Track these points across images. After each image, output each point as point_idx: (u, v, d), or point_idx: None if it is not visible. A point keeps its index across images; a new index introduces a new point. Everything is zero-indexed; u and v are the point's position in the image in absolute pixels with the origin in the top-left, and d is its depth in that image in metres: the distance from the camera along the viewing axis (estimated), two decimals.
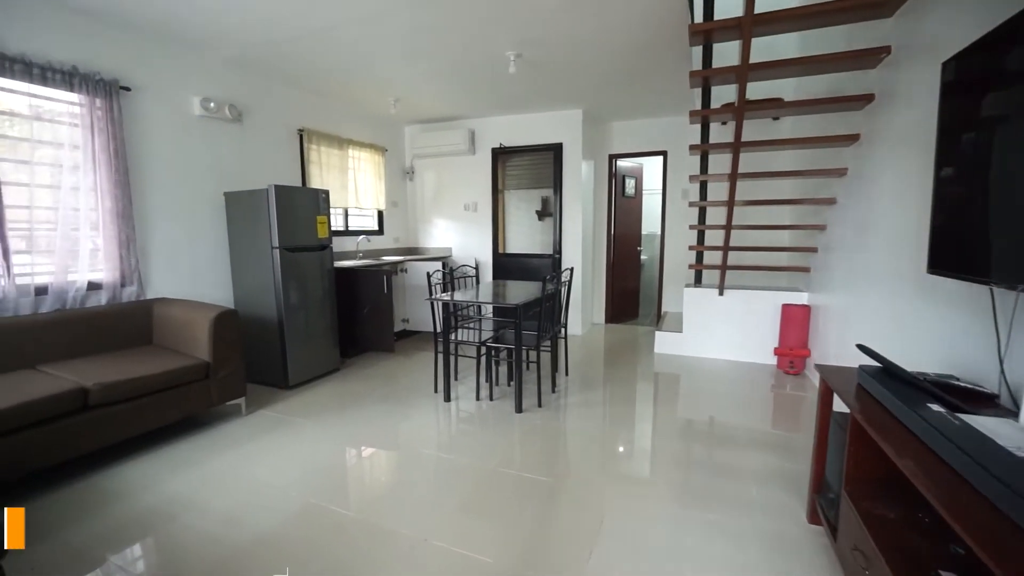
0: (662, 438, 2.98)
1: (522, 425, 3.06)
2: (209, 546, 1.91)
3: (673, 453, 2.76)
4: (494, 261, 5.82)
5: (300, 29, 3.13)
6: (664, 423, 3.21)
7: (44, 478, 2.32)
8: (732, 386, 3.83)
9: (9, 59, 2.57)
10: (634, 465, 2.67)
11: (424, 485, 2.40)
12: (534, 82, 4.24)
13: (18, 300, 2.67)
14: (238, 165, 3.91)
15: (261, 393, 3.55)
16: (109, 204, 2.98)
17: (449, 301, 3.33)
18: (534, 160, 5.57)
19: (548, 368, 3.72)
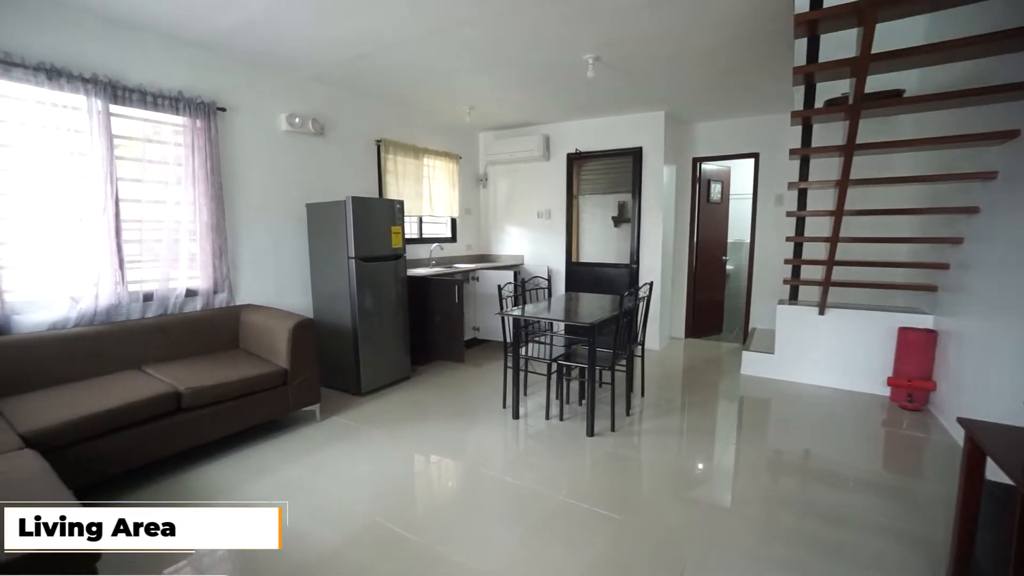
0: (750, 473, 2.67)
1: (593, 451, 2.88)
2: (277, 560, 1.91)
3: (762, 491, 2.46)
4: (567, 270, 5.65)
5: (378, 44, 3.16)
6: (752, 456, 2.88)
7: (142, 474, 2.48)
8: (833, 417, 3.39)
9: (128, 89, 2.83)
10: (718, 504, 2.39)
11: (489, 511, 2.29)
12: (613, 85, 4.03)
13: (129, 306, 2.92)
14: (319, 177, 4.06)
15: (335, 398, 3.64)
16: (205, 217, 3.18)
17: (520, 317, 3.21)
18: (611, 165, 5.33)
19: (622, 387, 3.50)
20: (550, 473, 2.62)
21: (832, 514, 2.23)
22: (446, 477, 2.75)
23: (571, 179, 5.51)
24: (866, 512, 2.22)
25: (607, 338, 3.25)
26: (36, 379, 2.46)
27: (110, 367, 2.69)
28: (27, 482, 1.59)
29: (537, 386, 3.88)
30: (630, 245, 5.24)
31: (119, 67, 2.82)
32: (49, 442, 2.02)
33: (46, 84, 2.51)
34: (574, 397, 3.66)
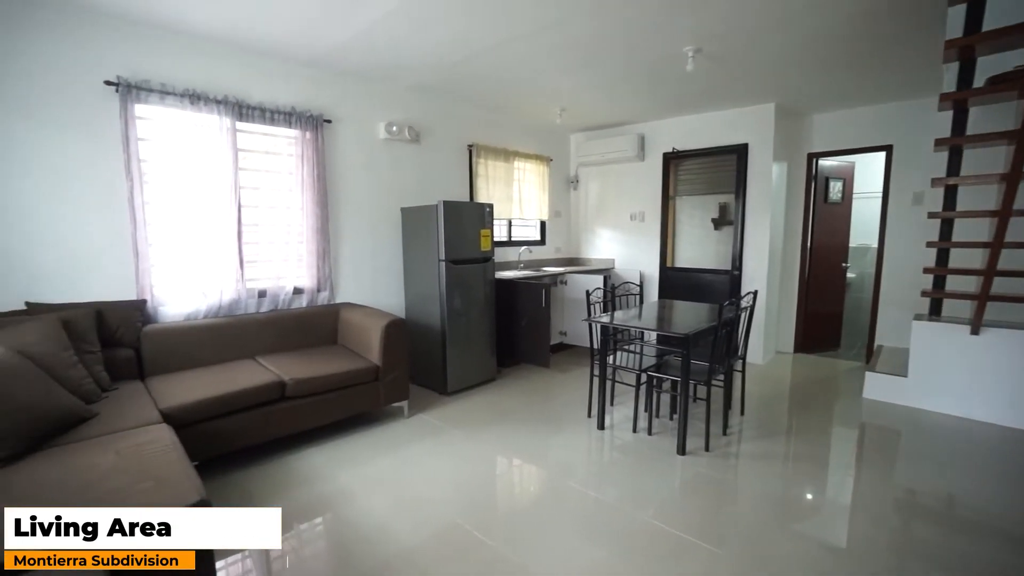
0: (873, 513, 2.30)
1: (684, 471, 2.67)
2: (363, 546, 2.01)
3: (890, 536, 2.11)
4: (661, 275, 5.36)
5: (471, 49, 3.22)
6: (876, 493, 2.49)
7: (250, 454, 2.73)
8: (986, 457, 2.84)
9: (251, 107, 3.16)
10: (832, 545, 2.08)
11: (570, 524, 2.20)
12: (715, 78, 3.74)
13: (247, 301, 3.25)
14: (414, 182, 4.24)
15: (422, 396, 3.76)
16: (311, 221, 3.46)
17: (609, 324, 3.08)
18: (712, 164, 4.97)
19: (719, 403, 3.22)
20: (636, 490, 2.47)
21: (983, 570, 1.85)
22: (527, 484, 2.71)
23: (667, 179, 5.22)
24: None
25: (703, 350, 3.01)
26: (174, 362, 2.82)
27: (229, 355, 3.02)
28: (161, 453, 1.80)
29: (624, 396, 3.70)
30: (732, 249, 4.84)
31: (244, 88, 3.16)
32: (180, 418, 2.29)
33: (189, 107, 2.89)
34: (664, 411, 3.44)
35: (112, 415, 2.16)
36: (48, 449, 1.83)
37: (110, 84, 2.66)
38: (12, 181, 2.48)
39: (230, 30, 2.89)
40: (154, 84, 2.78)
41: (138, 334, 2.76)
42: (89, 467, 1.67)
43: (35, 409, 1.88)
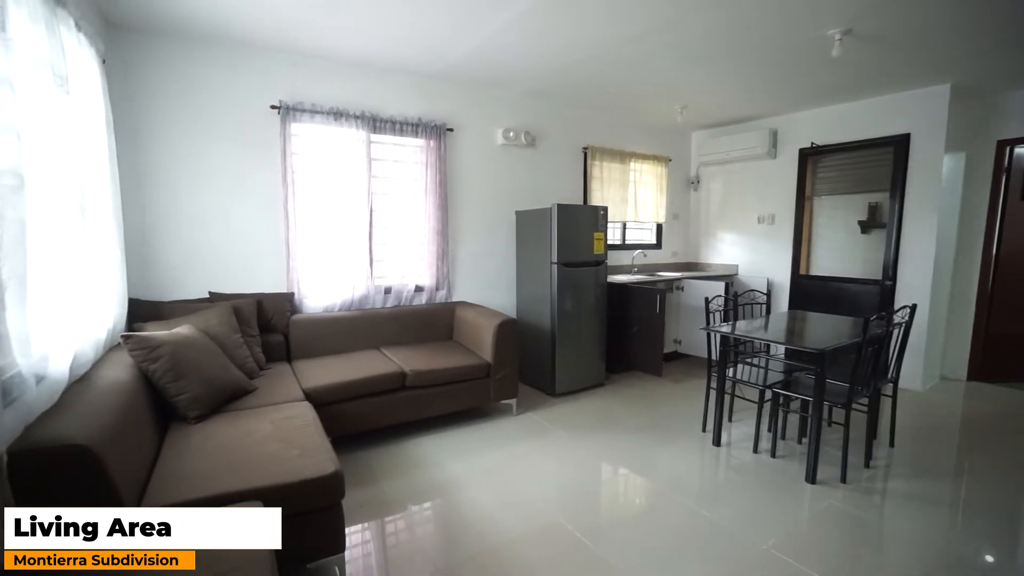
0: None
1: (814, 501, 2.38)
2: (471, 532, 2.12)
3: None
4: (793, 284, 4.84)
5: (588, 52, 3.20)
6: None
7: (372, 437, 3.00)
8: None
9: (383, 120, 3.48)
10: None
11: (677, 540, 2.09)
12: (868, 62, 3.28)
13: (374, 297, 3.59)
14: (529, 185, 4.33)
15: (530, 396, 3.82)
16: (433, 224, 3.71)
17: (730, 334, 2.86)
18: (861, 159, 4.37)
19: (860, 431, 2.81)
20: (755, 515, 2.26)
21: None
22: (633, 493, 2.62)
23: (803, 178, 4.70)
24: None
25: (843, 368, 2.66)
26: (313, 348, 3.21)
27: (358, 345, 3.36)
28: (305, 427, 2.06)
29: (744, 413, 3.41)
30: (883, 257, 4.20)
31: (378, 103, 3.50)
32: (318, 398, 2.60)
33: (333, 123, 3.27)
34: (791, 433, 3.10)
35: (267, 390, 2.52)
36: (223, 413, 2.20)
37: (274, 108, 3.13)
38: (199, 190, 3.02)
39: (370, 55, 3.23)
40: (306, 105, 3.20)
41: (287, 322, 3.19)
42: (252, 431, 1.97)
43: (217, 380, 2.27)
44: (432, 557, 1.98)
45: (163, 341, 2.12)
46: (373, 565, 1.97)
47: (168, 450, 1.84)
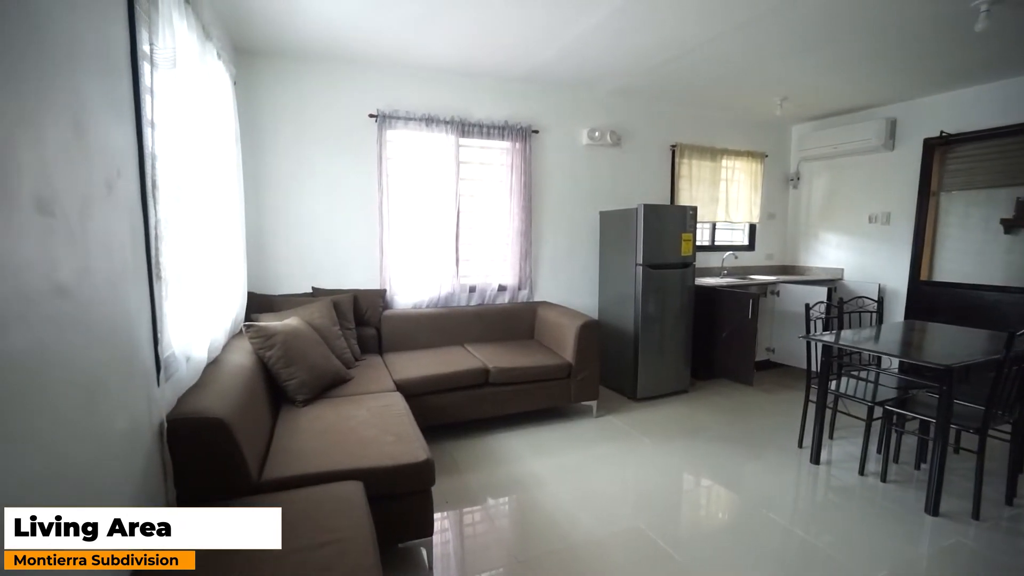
0: None
1: (936, 535, 2.13)
2: (550, 528, 2.14)
3: None
4: (911, 291, 4.32)
5: (681, 48, 3.09)
6: None
7: (458, 430, 3.11)
8: None
9: (471, 124, 3.61)
10: None
11: (767, 562, 1.97)
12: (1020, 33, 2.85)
13: (459, 295, 3.73)
14: (613, 185, 4.26)
15: (610, 399, 3.77)
16: (517, 224, 3.78)
17: (833, 344, 2.64)
18: (1004, 148, 3.79)
19: (1000, 462, 2.46)
20: (861, 543, 2.07)
21: None
22: (719, 506, 2.50)
23: (928, 171, 4.18)
24: None
25: (975, 389, 2.36)
26: (403, 342, 3.40)
27: (443, 341, 3.50)
28: (398, 415, 2.21)
29: (847, 431, 3.12)
30: None
31: (466, 108, 3.63)
32: (408, 389, 2.75)
33: (424, 129, 3.45)
34: (906, 457, 2.79)
35: (363, 379, 2.72)
36: (325, 399, 2.42)
37: (372, 116, 3.36)
38: (305, 195, 3.33)
39: (460, 62, 3.36)
40: (400, 113, 3.40)
41: (380, 317, 3.41)
42: (351, 416, 2.15)
43: (320, 368, 2.49)
44: (512, 548, 2.03)
45: (277, 331, 2.37)
46: (457, 551, 2.06)
47: (281, 428, 2.05)
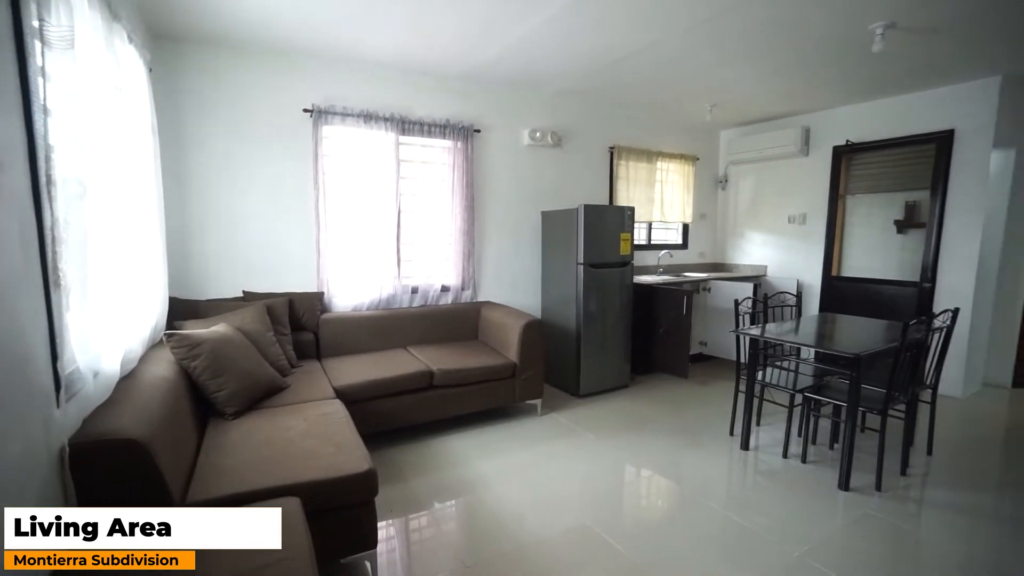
0: None
1: (848, 509, 2.33)
2: (498, 530, 2.14)
3: None
4: (824, 285, 4.72)
5: (621, 52, 3.18)
6: None
7: (401, 435, 3.04)
8: None
9: (412, 122, 3.53)
10: None
11: (709, 547, 2.07)
12: (911, 56, 3.18)
13: (402, 297, 3.65)
14: (555, 186, 4.33)
15: (554, 396, 3.82)
16: (459, 224, 3.75)
17: (759, 337, 2.82)
18: (899, 157, 4.22)
19: (896, 438, 2.73)
20: (786, 521, 2.22)
21: None
22: (660, 496, 2.60)
23: (837, 176, 4.57)
24: None
25: (877, 373, 2.60)
26: (343, 347, 3.28)
27: (386, 344, 3.41)
28: (338, 424, 2.11)
29: (772, 417, 3.35)
30: (923, 257, 4.06)
31: (407, 105, 3.55)
32: (349, 396, 2.65)
33: (363, 126, 3.33)
34: (822, 438, 3.03)
35: (300, 388, 2.58)
36: (259, 410, 2.27)
37: (307, 111, 3.20)
38: (234, 192, 3.13)
39: (401, 58, 3.27)
40: (337, 108, 3.26)
41: (317, 321, 3.26)
42: (288, 427, 2.04)
43: (253, 376, 2.35)
44: (460, 553, 2.01)
45: (203, 339, 2.21)
46: (404, 560, 2.01)
47: (209, 444, 1.91)
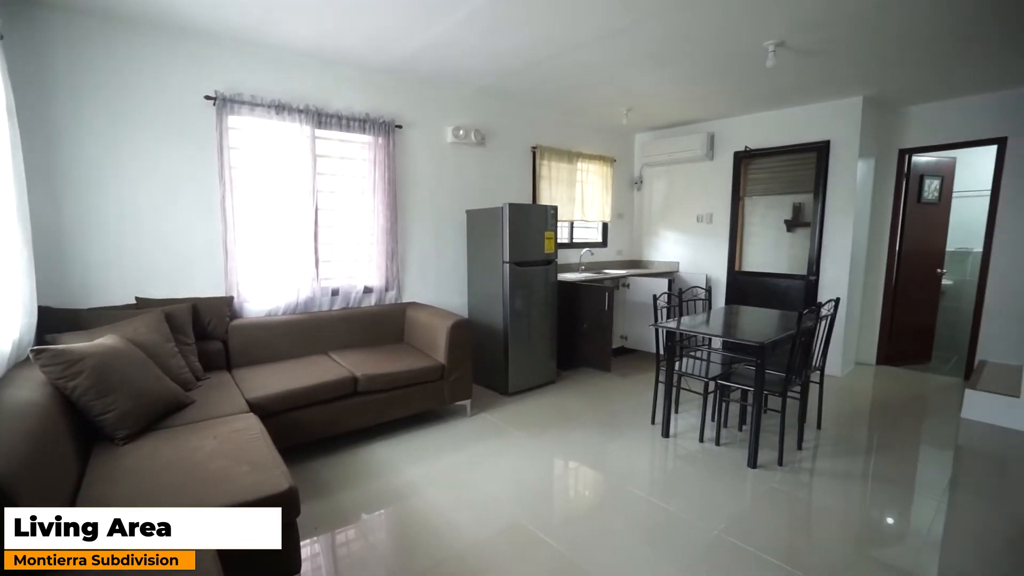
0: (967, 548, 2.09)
1: (756, 484, 2.55)
2: (433, 538, 2.09)
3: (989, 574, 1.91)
4: (729, 279, 5.13)
5: (542, 54, 3.22)
6: (976, 525, 2.26)
7: (325, 445, 2.88)
8: None
9: (329, 115, 3.34)
10: None
11: (635, 532, 2.16)
12: (796, 73, 3.54)
13: (321, 299, 3.44)
14: (479, 184, 4.31)
15: (483, 396, 3.82)
16: (382, 222, 3.60)
17: (676, 330, 2.99)
18: (788, 163, 4.69)
19: (794, 416, 3.04)
20: (704, 502, 2.39)
21: None
22: (589, 488, 2.68)
23: (738, 179, 4.99)
24: None
25: (776, 359, 2.86)
26: (257, 355, 3.03)
27: (305, 351, 3.20)
28: (252, 440, 1.94)
29: (690, 404, 3.59)
30: (808, 253, 4.55)
31: (324, 97, 3.35)
32: (265, 408, 2.46)
33: (275, 117, 3.09)
34: (733, 421, 3.30)
35: (207, 403, 2.35)
36: (158, 431, 2.03)
37: (209, 98, 2.91)
38: (126, 186, 2.76)
39: (316, 45, 3.07)
40: (245, 96, 3.00)
41: (226, 328, 2.99)
42: (195, 448, 1.84)
43: (149, 393, 2.09)
44: (393, 567, 1.93)
45: (84, 354, 1.93)
46: None
47: (95, 476, 1.67)
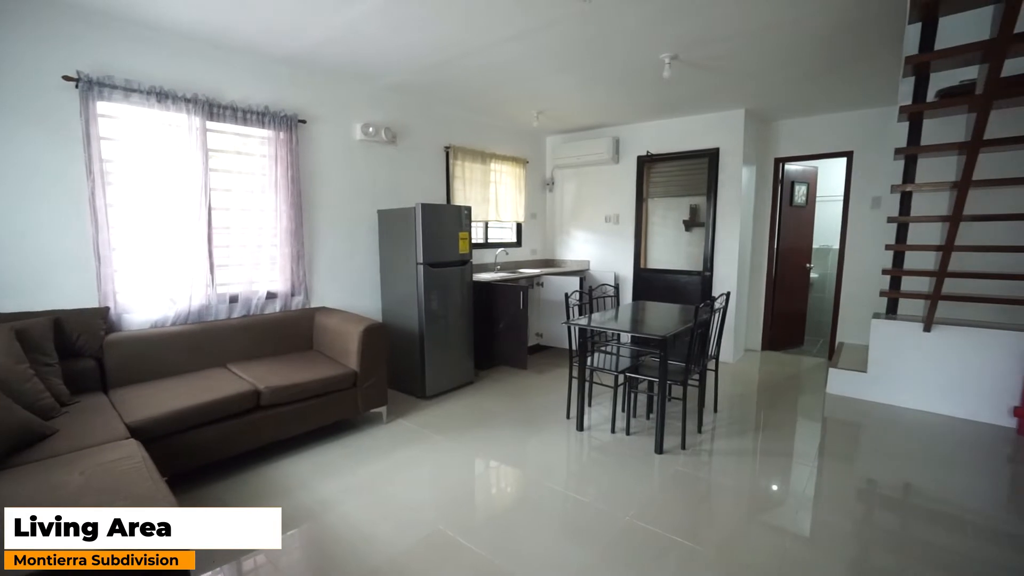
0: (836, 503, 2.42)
1: (663, 469, 2.74)
2: (348, 555, 1.99)
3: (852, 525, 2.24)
4: (635, 277, 5.46)
5: (449, 52, 3.20)
6: (839, 484, 2.62)
7: (226, 466, 2.64)
8: (941, 448, 3.01)
9: (223, 106, 3.06)
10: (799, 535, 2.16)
11: (553, 527, 2.23)
12: (690, 84, 3.84)
13: (218, 307, 3.14)
14: (391, 184, 4.18)
15: (400, 401, 3.72)
16: (285, 223, 3.37)
17: (587, 327, 3.12)
18: (685, 167, 5.09)
19: (695, 402, 3.30)
20: (616, 490, 2.52)
21: (939, 561, 1.97)
22: (509, 487, 2.72)
23: (641, 182, 5.32)
24: (984, 562, 1.94)
25: (678, 350, 3.09)
26: (141, 372, 2.70)
27: (200, 364, 2.91)
28: (130, 471, 1.72)
29: (602, 397, 3.76)
30: (703, 251, 4.97)
31: (216, 86, 3.06)
32: (150, 432, 2.20)
33: (156, 106, 2.77)
34: (641, 411, 3.51)
35: (74, 431, 2.05)
36: (10, 469, 1.73)
37: (69, 79, 2.52)
38: None
39: (202, 24, 2.78)
40: (118, 80, 2.65)
41: (100, 343, 2.63)
42: (56, 487, 1.58)
43: None
44: None
45: None
46: None
47: None
